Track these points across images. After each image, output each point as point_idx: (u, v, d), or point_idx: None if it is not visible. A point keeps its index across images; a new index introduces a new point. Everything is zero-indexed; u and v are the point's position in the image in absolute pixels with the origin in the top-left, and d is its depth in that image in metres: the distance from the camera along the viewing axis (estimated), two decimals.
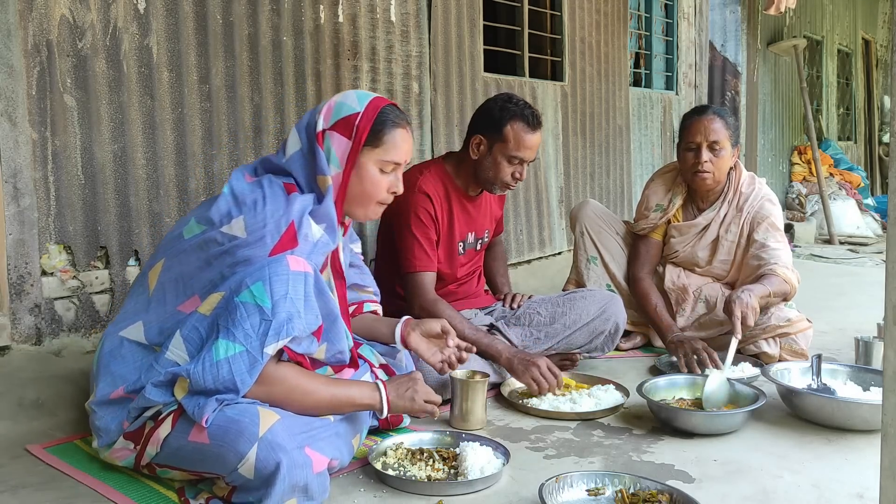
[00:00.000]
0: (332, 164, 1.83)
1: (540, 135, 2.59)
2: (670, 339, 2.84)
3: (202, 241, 1.74)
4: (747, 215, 2.97)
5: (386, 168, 1.88)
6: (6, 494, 1.75)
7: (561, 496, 1.72)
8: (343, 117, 1.84)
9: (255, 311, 1.61)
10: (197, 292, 1.73)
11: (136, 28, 2.55)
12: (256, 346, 1.61)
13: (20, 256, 2.33)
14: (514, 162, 2.56)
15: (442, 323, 2.14)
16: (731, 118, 2.97)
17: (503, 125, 2.54)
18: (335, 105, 1.86)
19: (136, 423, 1.73)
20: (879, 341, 2.66)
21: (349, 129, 1.83)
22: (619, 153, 5.33)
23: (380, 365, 2.10)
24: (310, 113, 1.89)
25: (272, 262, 1.64)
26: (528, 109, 2.57)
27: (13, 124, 2.28)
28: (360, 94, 1.90)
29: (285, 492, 1.56)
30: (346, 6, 3.26)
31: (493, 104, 2.61)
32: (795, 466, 1.96)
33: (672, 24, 6.14)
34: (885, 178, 10.34)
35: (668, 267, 3.14)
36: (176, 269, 1.77)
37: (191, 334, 1.69)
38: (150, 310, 1.78)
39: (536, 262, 4.48)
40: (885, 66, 11.38)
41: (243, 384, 1.61)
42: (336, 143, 1.83)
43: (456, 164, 2.69)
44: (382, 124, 1.85)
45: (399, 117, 1.90)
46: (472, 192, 2.71)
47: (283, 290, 1.62)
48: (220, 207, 1.75)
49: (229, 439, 1.58)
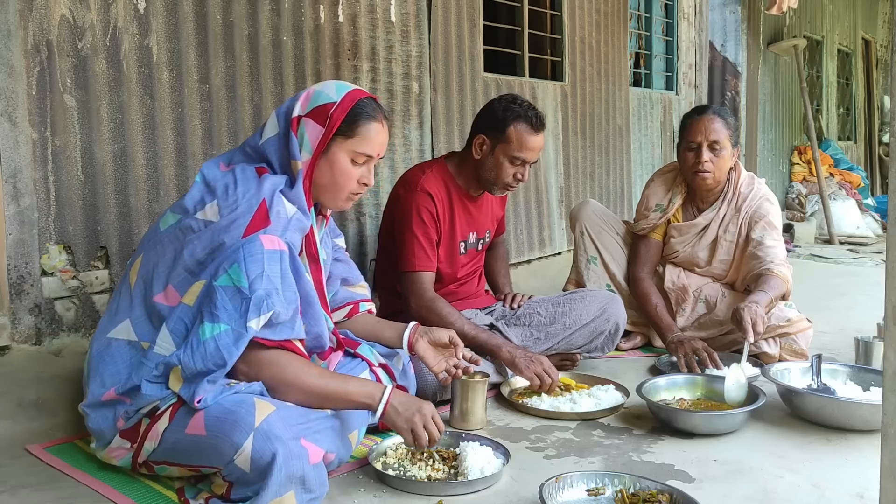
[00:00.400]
0: (304, 151, 1.85)
1: (543, 136, 2.60)
2: (670, 339, 2.85)
3: (177, 230, 1.77)
4: (745, 215, 2.97)
5: (358, 159, 1.89)
6: (6, 494, 1.75)
7: (561, 496, 1.72)
8: (319, 105, 1.86)
9: (235, 292, 1.65)
10: (171, 282, 1.75)
11: (136, 28, 2.55)
12: (240, 323, 1.64)
13: (20, 256, 2.33)
14: (516, 163, 2.56)
15: (450, 334, 2.14)
16: (732, 118, 2.97)
17: (506, 126, 2.54)
18: (314, 93, 1.88)
19: (132, 421, 1.73)
20: (879, 341, 2.66)
21: (323, 117, 1.85)
22: (619, 153, 5.33)
23: (379, 364, 2.10)
24: (290, 99, 1.91)
25: (246, 242, 1.67)
26: (532, 111, 2.57)
27: (13, 124, 2.28)
28: (340, 84, 1.91)
29: (282, 483, 1.55)
30: (346, 6, 3.26)
31: (496, 104, 2.62)
32: (795, 466, 1.96)
33: (672, 24, 6.14)
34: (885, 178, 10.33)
35: (668, 267, 3.14)
36: (153, 261, 1.80)
37: (176, 326, 1.71)
38: (134, 306, 1.80)
39: (536, 262, 4.48)
40: (885, 66, 11.38)
41: (230, 355, 1.63)
42: (310, 129, 1.85)
43: (458, 163, 2.69)
44: (357, 115, 1.87)
45: (375, 111, 1.90)
46: (474, 193, 2.71)
47: (258, 269, 1.65)
48: (192, 195, 1.79)
49: (225, 429, 1.59)
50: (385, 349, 2.16)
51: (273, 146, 1.86)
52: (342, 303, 2.16)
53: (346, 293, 2.17)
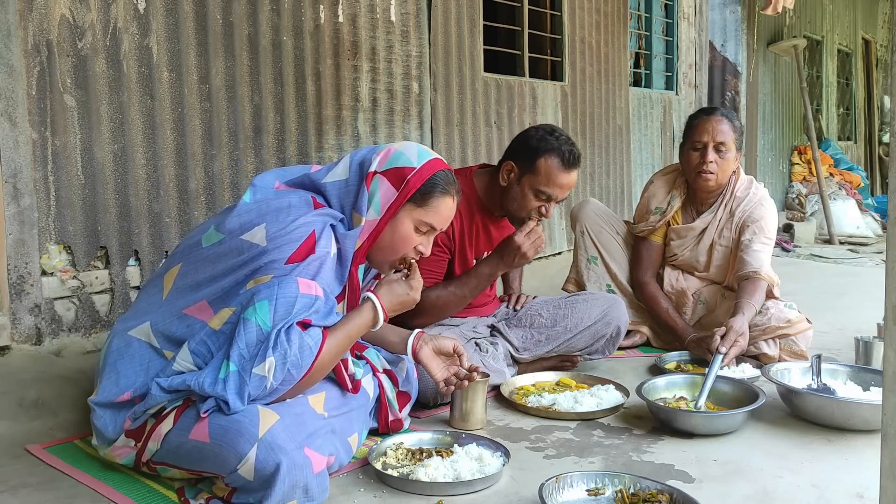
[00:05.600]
0: (373, 209, 1.83)
1: (575, 175, 2.46)
2: (690, 339, 2.87)
3: (221, 250, 1.74)
4: (738, 219, 2.96)
5: (421, 228, 1.88)
6: (6, 494, 1.75)
7: (561, 496, 1.72)
8: (397, 167, 1.84)
9: (254, 330, 1.62)
10: (206, 298, 1.73)
11: (136, 28, 2.55)
12: (247, 368, 1.62)
13: (20, 256, 2.33)
14: (541, 197, 2.45)
15: (455, 343, 2.13)
16: (739, 122, 2.96)
17: (538, 157, 2.43)
18: (394, 153, 1.87)
19: (139, 421, 1.74)
20: (879, 341, 2.66)
21: (399, 181, 1.83)
22: (619, 153, 5.33)
23: (384, 370, 2.10)
24: (368, 149, 1.90)
25: (283, 282, 1.64)
26: (568, 146, 2.44)
27: (13, 124, 2.28)
28: (422, 150, 1.90)
29: (286, 493, 1.56)
30: (346, 6, 3.26)
31: (532, 133, 2.51)
32: (795, 466, 1.96)
33: (672, 24, 6.14)
34: (885, 178, 10.34)
35: (667, 269, 3.14)
36: (192, 276, 1.77)
37: (199, 348, 1.70)
38: (160, 311, 1.79)
39: (536, 261, 4.48)
40: (885, 66, 11.38)
41: (234, 405, 1.61)
42: (383, 189, 1.83)
43: (487, 183, 2.58)
44: (433, 187, 1.86)
45: (451, 186, 1.90)
46: (498, 214, 2.62)
47: (286, 312, 1.63)
48: (241, 216, 1.75)
49: (229, 439, 1.58)
50: (390, 355, 2.16)
51: (338, 190, 1.84)
52: None
53: None
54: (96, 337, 2.51)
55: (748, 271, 2.82)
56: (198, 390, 1.63)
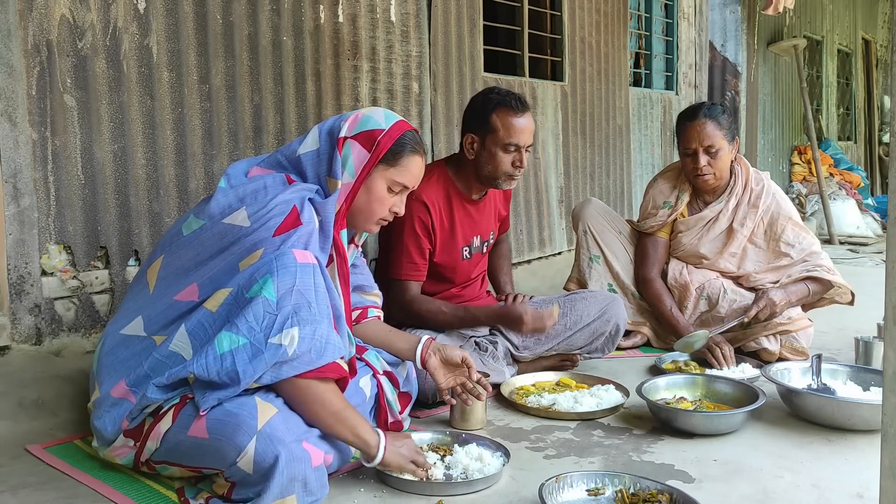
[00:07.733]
0: (347, 172, 1.87)
1: (529, 117, 2.55)
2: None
3: (204, 236, 1.76)
4: (763, 213, 2.99)
5: (394, 188, 1.93)
6: (6, 494, 1.75)
7: (561, 496, 1.72)
8: (367, 130, 1.88)
9: (261, 303, 1.63)
10: (195, 281, 1.75)
11: (136, 28, 2.55)
12: (261, 339, 1.61)
13: (20, 256, 2.33)
14: (509, 150, 2.51)
15: (463, 354, 2.14)
16: (724, 115, 2.92)
17: (488, 116, 2.51)
18: (362, 117, 1.91)
19: (136, 421, 1.74)
20: (879, 341, 2.66)
21: (370, 143, 1.87)
22: (619, 153, 5.33)
23: (384, 372, 2.10)
24: (335, 118, 1.94)
25: (279, 255, 1.66)
26: (511, 95, 2.54)
27: (13, 124, 2.28)
28: (388, 113, 1.95)
29: (284, 485, 1.56)
30: (346, 6, 3.26)
31: (476, 99, 2.61)
32: (795, 466, 1.96)
33: (672, 24, 6.14)
34: (885, 178, 10.33)
35: (672, 262, 3.14)
36: (175, 264, 1.79)
37: (196, 329, 1.70)
38: (152, 306, 1.79)
39: (536, 262, 4.48)
40: (885, 66, 11.38)
41: (245, 374, 1.61)
42: (355, 152, 1.87)
43: (456, 167, 2.65)
44: (402, 146, 1.91)
45: (419, 145, 1.95)
46: (476, 195, 2.67)
47: (289, 282, 1.64)
48: (219, 201, 1.78)
49: (228, 432, 1.59)
50: (391, 357, 2.16)
51: (311, 160, 1.88)
52: (352, 307, 2.16)
53: (357, 298, 2.16)
54: (96, 337, 2.51)
55: (815, 274, 2.92)
56: (201, 375, 1.62)
